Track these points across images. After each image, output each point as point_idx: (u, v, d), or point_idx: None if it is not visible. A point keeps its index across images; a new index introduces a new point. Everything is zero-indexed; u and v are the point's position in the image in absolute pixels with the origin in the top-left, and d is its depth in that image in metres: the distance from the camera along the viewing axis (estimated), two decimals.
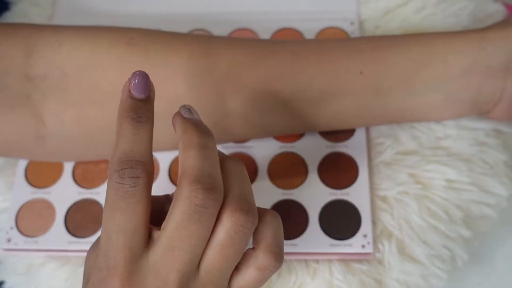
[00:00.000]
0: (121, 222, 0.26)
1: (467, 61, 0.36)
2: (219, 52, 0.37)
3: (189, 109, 0.30)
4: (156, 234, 0.27)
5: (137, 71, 0.29)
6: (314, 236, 0.40)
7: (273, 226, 0.29)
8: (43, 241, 0.41)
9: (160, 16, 0.49)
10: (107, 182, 0.27)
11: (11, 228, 0.41)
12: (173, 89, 0.36)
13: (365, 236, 0.39)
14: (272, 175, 0.42)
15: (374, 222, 0.40)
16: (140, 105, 0.28)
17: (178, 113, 0.30)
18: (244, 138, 0.42)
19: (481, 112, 0.40)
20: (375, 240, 0.40)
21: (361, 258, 0.40)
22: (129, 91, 0.28)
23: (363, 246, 0.39)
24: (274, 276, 0.39)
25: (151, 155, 0.28)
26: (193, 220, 0.26)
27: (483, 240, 0.41)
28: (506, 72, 0.36)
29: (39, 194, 0.42)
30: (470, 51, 0.36)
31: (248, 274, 0.28)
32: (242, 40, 0.39)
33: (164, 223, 0.27)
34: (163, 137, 0.38)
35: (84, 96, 0.37)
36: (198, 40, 0.38)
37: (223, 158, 0.29)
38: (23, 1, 0.52)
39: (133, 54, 0.36)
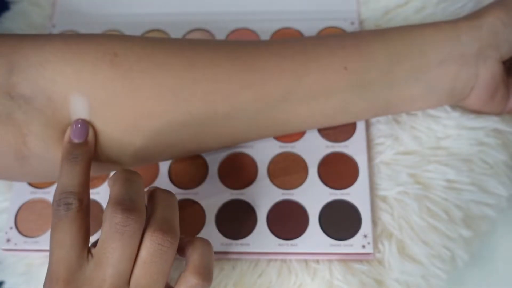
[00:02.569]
0: (59, 239, 0.31)
1: (443, 51, 0.38)
2: (204, 61, 0.37)
3: None
4: (93, 250, 0.31)
5: (77, 119, 0.35)
6: (314, 236, 0.39)
7: (201, 249, 0.32)
8: (43, 241, 0.41)
9: (160, 16, 0.49)
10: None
11: (11, 228, 0.41)
12: (161, 105, 0.36)
13: (365, 236, 0.39)
14: (272, 175, 0.42)
15: (374, 222, 0.40)
16: (76, 147, 0.34)
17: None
18: (238, 142, 0.42)
19: (458, 100, 0.41)
20: (375, 240, 0.40)
21: (361, 258, 0.39)
22: (69, 137, 0.35)
23: (363, 246, 0.39)
24: (274, 276, 0.39)
25: (85, 186, 0.33)
26: (114, 237, 0.30)
27: (483, 240, 0.41)
28: (477, 59, 0.38)
29: (39, 194, 0.42)
30: (446, 41, 0.38)
31: None
32: (227, 45, 0.39)
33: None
34: (158, 152, 0.39)
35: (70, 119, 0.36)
36: (182, 51, 0.37)
37: (154, 190, 0.33)
38: (23, 1, 0.52)
39: (117, 75, 0.35)
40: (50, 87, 0.35)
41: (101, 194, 0.42)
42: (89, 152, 0.35)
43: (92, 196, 0.42)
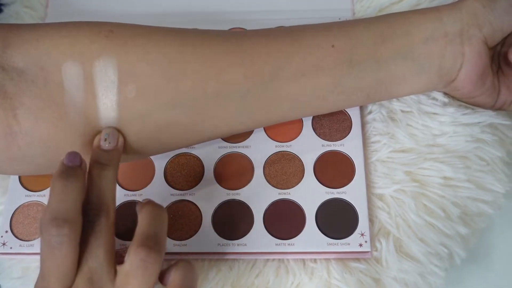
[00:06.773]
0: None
1: (426, 30, 0.40)
2: (194, 41, 0.38)
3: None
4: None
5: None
6: (311, 236, 0.39)
7: (183, 270, 0.32)
8: (38, 244, 0.40)
9: (158, 16, 0.49)
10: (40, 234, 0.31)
11: (6, 232, 0.41)
12: (153, 84, 0.36)
13: (362, 234, 0.39)
14: (268, 175, 0.42)
15: (371, 221, 0.40)
16: (70, 168, 0.32)
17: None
18: (232, 127, 0.41)
19: (448, 80, 0.41)
20: (373, 239, 0.40)
21: (358, 257, 0.39)
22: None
23: (360, 245, 0.39)
24: (271, 276, 0.39)
25: (78, 211, 0.31)
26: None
27: (480, 237, 0.41)
28: (461, 38, 0.40)
29: (34, 197, 0.42)
30: (428, 22, 0.40)
31: None
32: (217, 31, 0.40)
33: None
34: (148, 138, 0.38)
35: (63, 95, 0.36)
36: (175, 32, 0.38)
37: (146, 202, 0.33)
38: (16, 3, 0.51)
39: (112, 50, 0.36)
40: (43, 58, 0.35)
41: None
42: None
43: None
